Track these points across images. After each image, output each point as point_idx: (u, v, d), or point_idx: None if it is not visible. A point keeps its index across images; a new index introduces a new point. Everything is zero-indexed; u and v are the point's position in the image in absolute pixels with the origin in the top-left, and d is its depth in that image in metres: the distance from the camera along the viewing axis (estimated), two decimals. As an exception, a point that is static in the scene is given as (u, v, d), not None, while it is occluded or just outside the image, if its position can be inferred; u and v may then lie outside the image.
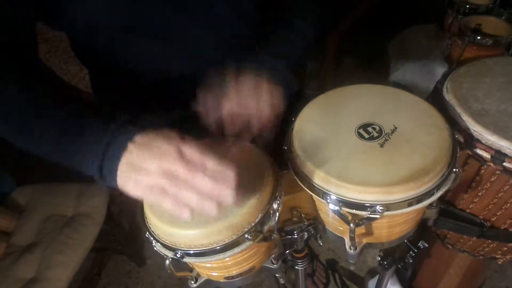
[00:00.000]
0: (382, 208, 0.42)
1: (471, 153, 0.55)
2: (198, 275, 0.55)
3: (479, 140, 0.53)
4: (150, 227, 0.47)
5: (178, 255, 0.44)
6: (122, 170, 0.40)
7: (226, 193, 0.38)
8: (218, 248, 0.43)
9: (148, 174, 0.38)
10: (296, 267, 0.71)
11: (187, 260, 0.45)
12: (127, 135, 0.40)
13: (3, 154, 0.70)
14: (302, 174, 0.48)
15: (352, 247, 0.51)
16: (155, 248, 0.47)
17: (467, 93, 0.58)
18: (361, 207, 0.43)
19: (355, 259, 0.53)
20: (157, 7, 0.53)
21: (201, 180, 0.38)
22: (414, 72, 1.17)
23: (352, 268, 1.32)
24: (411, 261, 0.71)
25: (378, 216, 0.43)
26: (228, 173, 0.39)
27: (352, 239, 0.48)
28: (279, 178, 0.50)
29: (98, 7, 0.50)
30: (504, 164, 0.52)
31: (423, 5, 1.42)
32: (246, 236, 0.44)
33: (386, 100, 0.54)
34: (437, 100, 0.61)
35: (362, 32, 1.70)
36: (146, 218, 0.48)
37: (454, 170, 0.45)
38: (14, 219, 1.12)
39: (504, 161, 0.51)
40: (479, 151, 0.54)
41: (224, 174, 0.39)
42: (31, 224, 1.10)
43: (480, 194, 0.59)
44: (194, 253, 0.44)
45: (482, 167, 0.55)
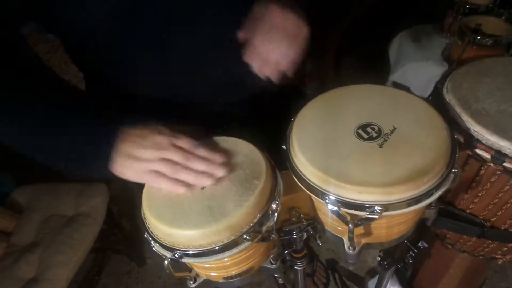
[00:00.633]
0: (381, 208, 0.42)
1: (471, 153, 0.55)
2: (197, 275, 0.55)
3: (479, 140, 0.53)
4: (149, 227, 0.47)
5: (177, 255, 0.44)
6: (120, 159, 0.46)
7: (218, 171, 0.46)
8: (217, 248, 0.43)
9: (147, 161, 0.45)
10: (295, 267, 0.70)
11: (186, 260, 0.45)
12: (124, 125, 0.47)
13: (3, 154, 0.70)
14: (301, 174, 0.47)
15: (351, 247, 0.50)
16: (154, 249, 0.47)
17: (467, 93, 0.57)
18: (360, 207, 0.43)
19: (354, 259, 0.53)
20: (155, 12, 0.53)
21: (195, 163, 0.46)
22: (414, 72, 1.17)
23: (351, 268, 1.32)
24: (411, 261, 0.71)
25: (376, 217, 0.43)
26: (217, 157, 0.47)
27: (350, 239, 0.48)
28: (278, 178, 0.50)
29: (94, 11, 0.49)
30: (504, 164, 0.52)
31: (423, 5, 1.42)
32: (245, 236, 0.44)
33: (386, 100, 0.54)
34: (437, 100, 0.60)
35: (362, 32, 1.70)
36: (145, 218, 0.48)
37: (453, 170, 0.45)
38: (14, 219, 1.12)
39: (504, 161, 0.51)
40: (479, 151, 0.54)
41: (214, 157, 0.47)
42: (31, 224, 1.10)
43: (480, 195, 0.59)
44: (193, 253, 0.44)
45: (482, 168, 0.55)
